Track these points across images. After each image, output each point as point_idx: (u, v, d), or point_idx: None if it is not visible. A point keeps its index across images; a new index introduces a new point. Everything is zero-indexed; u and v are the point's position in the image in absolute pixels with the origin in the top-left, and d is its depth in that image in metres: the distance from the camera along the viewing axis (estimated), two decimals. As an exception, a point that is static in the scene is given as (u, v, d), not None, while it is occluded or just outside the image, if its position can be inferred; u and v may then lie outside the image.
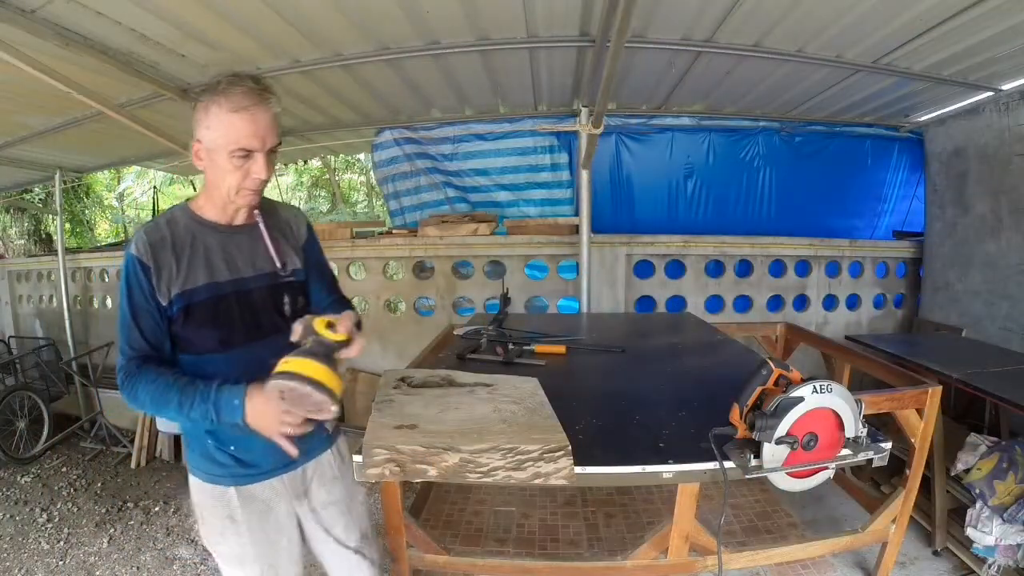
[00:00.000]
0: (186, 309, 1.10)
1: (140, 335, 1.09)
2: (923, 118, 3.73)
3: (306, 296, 1.26)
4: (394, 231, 4.16)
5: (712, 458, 1.05)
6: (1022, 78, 2.89)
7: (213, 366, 1.11)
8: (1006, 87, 2.99)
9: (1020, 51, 2.55)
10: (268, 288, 1.19)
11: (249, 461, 1.18)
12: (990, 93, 3.08)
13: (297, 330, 1.06)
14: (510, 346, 1.91)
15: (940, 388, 1.77)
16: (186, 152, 3.40)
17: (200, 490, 1.20)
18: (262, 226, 1.20)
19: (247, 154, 1.07)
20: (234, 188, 1.10)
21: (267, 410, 1.01)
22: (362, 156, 10.21)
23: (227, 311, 1.14)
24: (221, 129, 1.05)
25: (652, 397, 1.41)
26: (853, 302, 3.92)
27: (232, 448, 1.17)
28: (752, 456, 1.02)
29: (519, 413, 1.24)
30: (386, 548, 1.56)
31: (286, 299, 1.21)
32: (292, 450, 1.05)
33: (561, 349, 1.96)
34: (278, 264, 1.20)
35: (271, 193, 7.74)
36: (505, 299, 2.40)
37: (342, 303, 1.33)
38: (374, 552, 1.42)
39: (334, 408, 0.97)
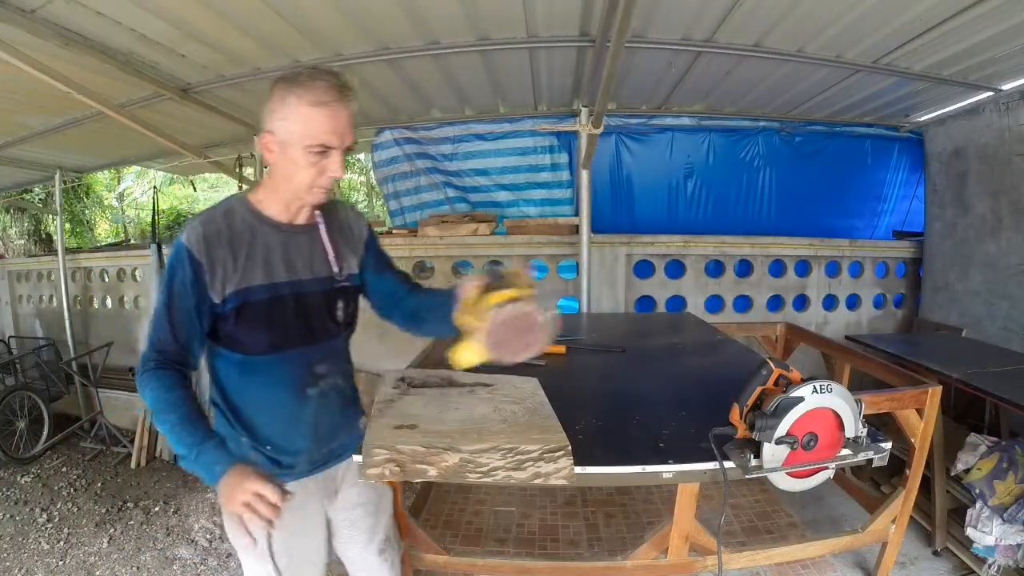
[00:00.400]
0: (240, 308, 1.07)
1: (170, 329, 1.05)
2: (923, 118, 3.73)
3: (358, 301, 1.25)
4: (394, 231, 4.16)
5: (712, 458, 1.05)
6: (1022, 78, 2.89)
7: (262, 367, 1.10)
8: (1006, 87, 2.99)
9: (1020, 51, 2.55)
10: (324, 292, 1.16)
11: (284, 462, 1.18)
12: (990, 93, 3.08)
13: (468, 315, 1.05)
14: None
15: (940, 388, 1.77)
16: (185, 152, 3.41)
17: None
18: (322, 228, 1.17)
19: (324, 151, 1.02)
20: (306, 185, 1.05)
21: (239, 490, 0.97)
22: (362, 156, 10.23)
23: (282, 313, 1.10)
24: (299, 122, 1.00)
25: (652, 397, 1.41)
26: (853, 302, 3.92)
27: (268, 448, 1.16)
28: (752, 456, 1.02)
29: (519, 413, 1.24)
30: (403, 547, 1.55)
31: (339, 304, 1.19)
32: (249, 539, 1.03)
33: (561, 349, 1.96)
34: (335, 268, 1.18)
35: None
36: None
37: (423, 289, 1.33)
38: (396, 554, 1.43)
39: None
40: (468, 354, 0.98)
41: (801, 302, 3.85)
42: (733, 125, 3.99)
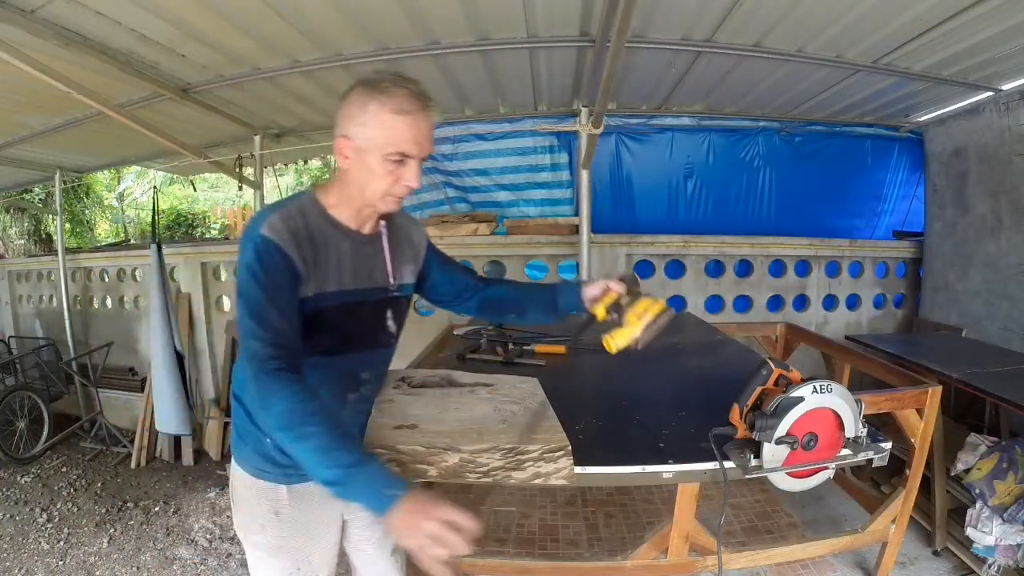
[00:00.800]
0: (315, 312, 1.06)
1: (282, 321, 0.98)
2: (923, 118, 3.73)
3: (407, 312, 1.27)
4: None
5: (712, 458, 1.05)
6: (1022, 78, 2.89)
7: (312, 368, 1.07)
8: (1006, 87, 2.99)
9: (1020, 51, 2.55)
10: (378, 302, 1.18)
11: (294, 463, 1.15)
12: (990, 93, 3.08)
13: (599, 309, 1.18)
14: (510, 346, 1.91)
15: (940, 388, 1.77)
16: (185, 152, 3.41)
17: (245, 484, 1.18)
18: (385, 238, 1.18)
19: (402, 159, 1.01)
20: (380, 193, 1.04)
21: (423, 519, 0.85)
22: (362, 156, 10.20)
23: (344, 320, 1.11)
24: (379, 129, 0.99)
25: (652, 397, 1.41)
26: (853, 302, 3.92)
27: None
28: (752, 456, 1.02)
29: (519, 413, 1.24)
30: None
31: (389, 314, 1.20)
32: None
33: (561, 349, 1.96)
34: (391, 280, 1.19)
35: (272, 193, 7.75)
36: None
37: (501, 281, 1.42)
38: (403, 556, 1.42)
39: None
40: (621, 341, 1.14)
41: (801, 302, 3.85)
42: (733, 125, 3.99)
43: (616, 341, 1.13)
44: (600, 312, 1.19)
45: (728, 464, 1.05)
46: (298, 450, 0.91)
